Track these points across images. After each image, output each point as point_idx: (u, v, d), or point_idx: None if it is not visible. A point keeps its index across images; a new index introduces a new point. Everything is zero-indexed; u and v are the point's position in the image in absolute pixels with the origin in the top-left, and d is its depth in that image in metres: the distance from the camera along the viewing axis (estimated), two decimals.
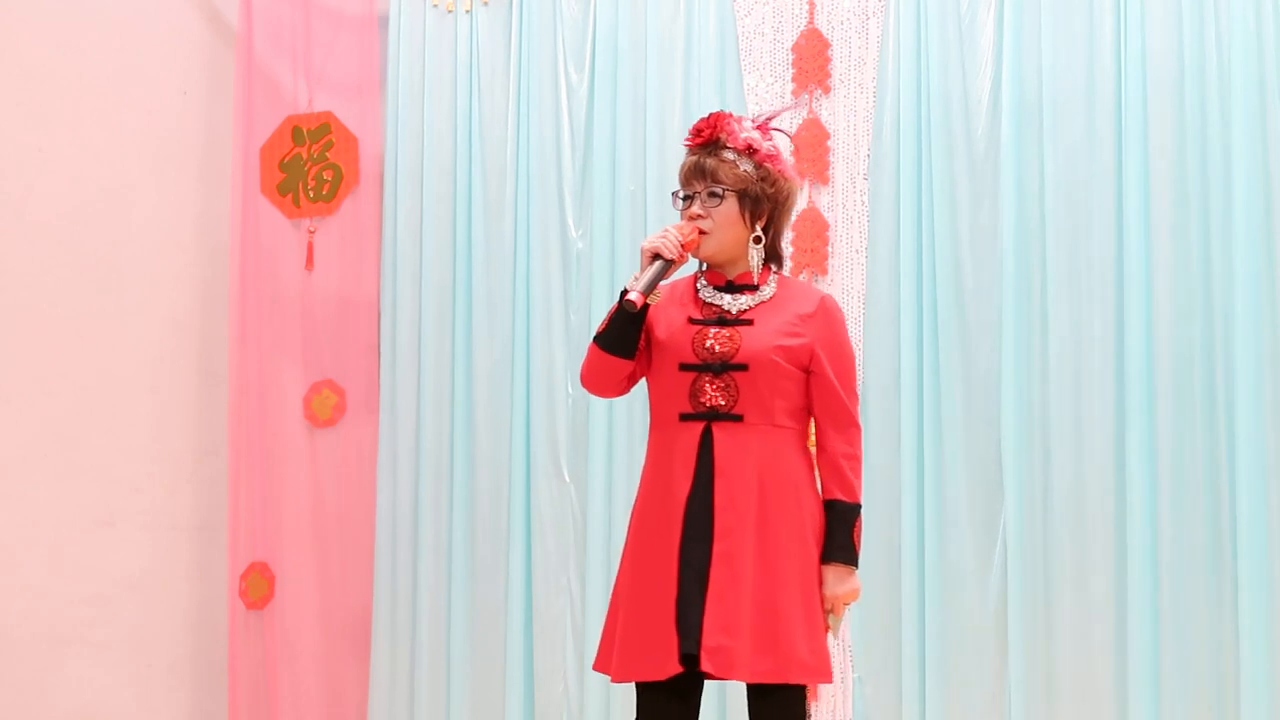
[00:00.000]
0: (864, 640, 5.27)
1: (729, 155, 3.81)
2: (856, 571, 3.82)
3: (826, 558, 3.80)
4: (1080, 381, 5.11)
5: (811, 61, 5.44)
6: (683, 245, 3.76)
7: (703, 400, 3.76)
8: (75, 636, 5.63)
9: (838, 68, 5.43)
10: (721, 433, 3.75)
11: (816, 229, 5.39)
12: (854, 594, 3.82)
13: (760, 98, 5.48)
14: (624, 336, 3.79)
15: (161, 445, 5.88)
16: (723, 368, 3.75)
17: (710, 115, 3.85)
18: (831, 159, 5.41)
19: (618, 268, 5.62)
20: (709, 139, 3.83)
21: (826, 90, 5.43)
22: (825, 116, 5.44)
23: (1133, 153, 5.07)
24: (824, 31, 5.45)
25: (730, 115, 3.85)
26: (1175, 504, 4.97)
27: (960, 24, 5.32)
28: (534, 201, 5.80)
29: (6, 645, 5.49)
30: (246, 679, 5.89)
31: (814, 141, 5.41)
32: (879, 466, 5.29)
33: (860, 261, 5.37)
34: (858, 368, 5.29)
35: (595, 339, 3.83)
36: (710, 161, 3.80)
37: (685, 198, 3.83)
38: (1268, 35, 4.96)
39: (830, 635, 3.79)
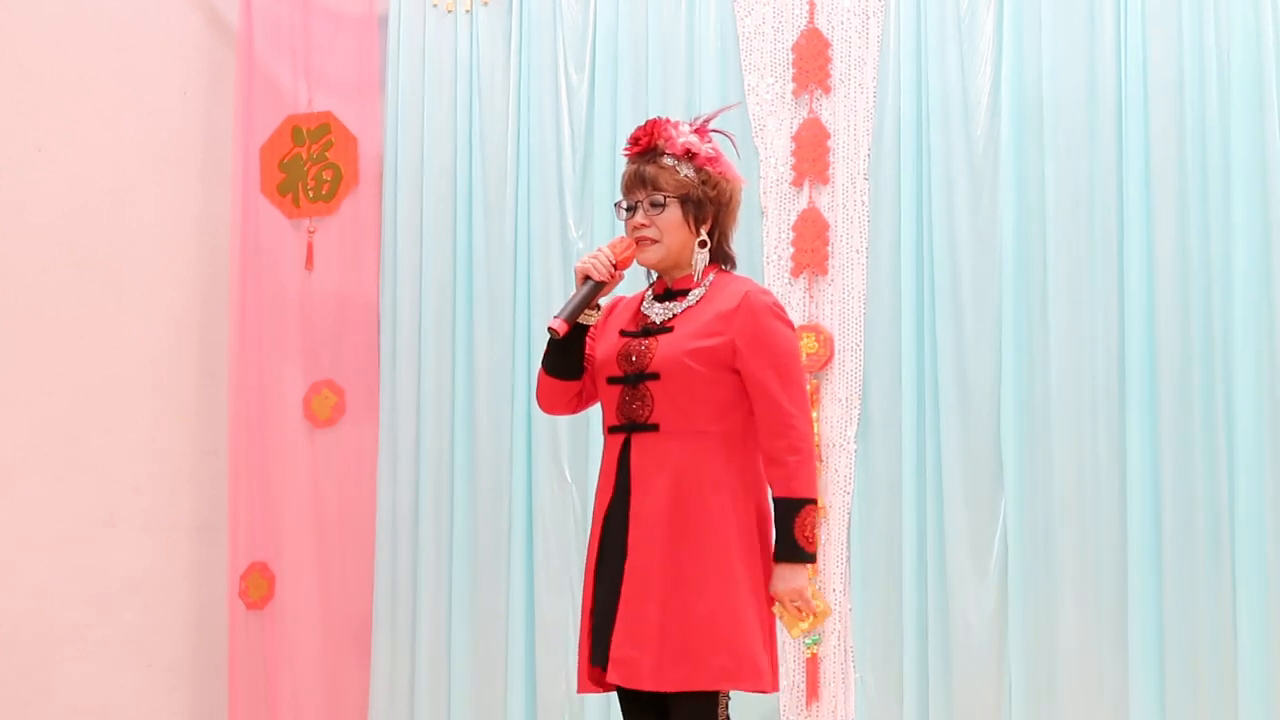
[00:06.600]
0: (865, 640, 5.26)
1: (668, 162, 3.78)
2: (805, 567, 3.69)
3: (774, 556, 3.73)
4: (1080, 381, 5.12)
5: (811, 61, 5.44)
6: (616, 263, 3.75)
7: (624, 412, 3.76)
8: (75, 636, 5.63)
9: (838, 68, 5.43)
10: (638, 444, 3.74)
11: (816, 229, 5.39)
12: (795, 592, 3.69)
13: (760, 98, 5.48)
14: (561, 360, 3.83)
15: (161, 445, 5.88)
16: (638, 378, 3.74)
17: (647, 122, 3.83)
18: (831, 159, 5.41)
19: None
20: (647, 146, 3.80)
21: (826, 90, 5.43)
22: (825, 116, 5.43)
23: (1132, 152, 5.07)
24: (824, 31, 5.45)
25: (667, 121, 3.82)
26: (1175, 504, 4.97)
27: (960, 24, 5.32)
28: (534, 201, 5.80)
29: (6, 645, 5.48)
30: (246, 679, 5.89)
31: (814, 141, 5.41)
32: (879, 466, 5.29)
33: (860, 261, 5.37)
34: (859, 366, 5.31)
35: (541, 362, 3.87)
36: (650, 169, 3.78)
37: (628, 208, 3.81)
38: (1267, 35, 4.97)
39: (790, 635, 3.71)
